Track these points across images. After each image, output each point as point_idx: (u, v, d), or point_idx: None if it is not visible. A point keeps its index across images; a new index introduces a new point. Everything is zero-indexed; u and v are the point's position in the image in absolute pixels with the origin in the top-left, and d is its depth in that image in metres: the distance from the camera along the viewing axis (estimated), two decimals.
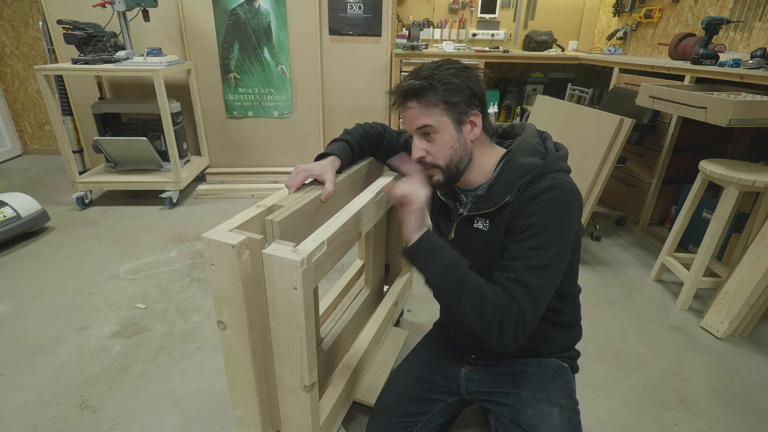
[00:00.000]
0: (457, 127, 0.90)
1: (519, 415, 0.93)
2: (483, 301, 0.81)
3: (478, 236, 0.95)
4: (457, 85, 0.87)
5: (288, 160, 3.29)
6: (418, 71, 0.90)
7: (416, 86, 0.87)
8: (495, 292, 0.82)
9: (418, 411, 1.06)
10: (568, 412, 0.92)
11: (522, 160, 0.90)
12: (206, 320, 1.73)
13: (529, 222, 0.84)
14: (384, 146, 1.20)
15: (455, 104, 0.88)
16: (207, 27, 2.91)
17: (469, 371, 1.08)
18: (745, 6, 2.42)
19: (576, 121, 2.22)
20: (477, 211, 0.94)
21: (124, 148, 2.73)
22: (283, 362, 0.87)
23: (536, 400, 0.94)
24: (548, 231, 0.83)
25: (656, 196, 2.47)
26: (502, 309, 0.80)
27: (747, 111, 1.59)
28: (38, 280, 1.98)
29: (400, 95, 0.91)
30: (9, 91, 3.69)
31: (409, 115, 0.91)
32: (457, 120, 0.89)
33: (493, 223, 0.92)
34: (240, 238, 0.79)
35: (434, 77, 0.87)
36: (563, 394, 0.96)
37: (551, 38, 3.67)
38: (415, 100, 0.89)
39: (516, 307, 0.80)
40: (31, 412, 1.31)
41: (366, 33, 3.05)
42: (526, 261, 0.82)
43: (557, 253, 0.83)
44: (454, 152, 0.91)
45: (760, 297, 1.62)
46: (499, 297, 0.81)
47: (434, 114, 0.88)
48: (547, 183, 0.85)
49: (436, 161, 0.92)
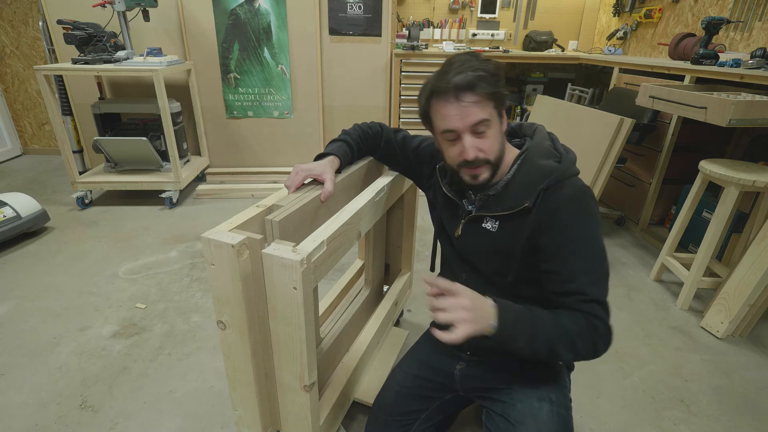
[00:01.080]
0: (500, 120, 0.88)
1: (508, 410, 0.94)
2: (572, 338, 0.82)
3: (485, 236, 0.94)
4: (501, 76, 0.85)
5: (288, 160, 3.29)
6: (462, 64, 0.84)
7: (475, 77, 0.82)
8: (576, 322, 0.82)
9: (415, 409, 1.07)
10: (558, 407, 0.93)
11: (539, 162, 0.89)
12: (206, 320, 1.73)
13: (567, 236, 0.84)
14: (382, 145, 1.20)
15: (503, 95, 0.86)
16: (207, 27, 2.91)
17: (464, 367, 1.08)
18: (745, 6, 2.42)
19: (576, 121, 2.22)
20: (489, 212, 0.92)
21: (124, 148, 2.73)
22: (282, 362, 0.87)
23: (526, 395, 0.95)
24: (588, 241, 0.85)
25: (656, 196, 2.47)
26: (591, 334, 0.82)
27: (747, 111, 1.59)
28: (38, 280, 1.98)
29: (454, 88, 0.83)
30: (9, 91, 3.69)
31: (465, 110, 0.83)
32: (499, 112, 0.87)
33: (503, 225, 0.91)
34: (240, 238, 0.79)
35: (484, 68, 0.83)
36: (555, 390, 0.96)
37: (551, 38, 3.67)
38: (472, 93, 0.83)
39: (599, 322, 0.82)
40: (31, 412, 1.31)
41: (366, 33, 3.05)
42: (584, 277, 0.83)
43: (603, 257, 0.86)
44: (500, 145, 0.89)
45: (760, 297, 1.62)
46: (581, 325, 0.82)
47: (488, 107, 0.85)
48: (570, 190, 0.85)
49: (488, 156, 0.87)
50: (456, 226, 1.01)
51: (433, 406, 1.08)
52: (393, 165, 1.24)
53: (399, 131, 1.21)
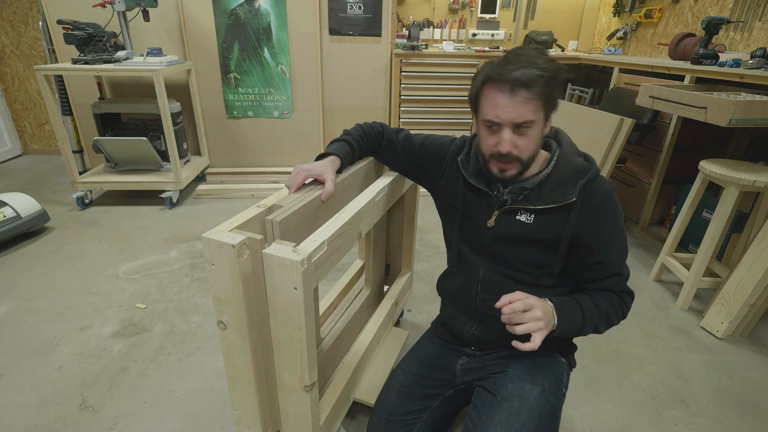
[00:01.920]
0: (545, 123, 0.89)
1: (499, 387, 0.96)
2: (609, 316, 0.95)
3: (520, 227, 0.95)
4: (560, 79, 0.84)
5: (288, 160, 3.29)
6: (526, 58, 0.82)
7: (536, 75, 0.80)
8: (611, 302, 0.95)
9: (417, 408, 1.07)
10: (549, 394, 0.94)
11: (575, 160, 0.93)
12: (206, 320, 1.73)
13: (610, 231, 0.93)
14: (384, 145, 1.20)
15: (555, 99, 0.86)
16: (207, 27, 2.91)
17: (467, 362, 1.09)
18: (745, 6, 2.42)
19: (576, 121, 2.22)
20: (528, 204, 0.93)
21: (124, 148, 2.73)
22: (283, 362, 0.87)
23: (520, 378, 0.97)
24: (622, 231, 0.95)
25: (656, 196, 2.47)
26: (622, 308, 0.96)
27: (747, 111, 1.59)
28: (38, 280, 1.98)
29: (512, 82, 0.81)
30: (9, 91, 3.69)
31: (514, 106, 0.83)
32: (546, 116, 0.88)
33: (540, 218, 0.93)
34: (240, 238, 0.79)
35: (546, 69, 0.81)
36: (549, 379, 0.97)
37: (551, 38, 3.67)
38: (527, 90, 0.82)
39: (626, 296, 0.97)
40: (31, 412, 1.31)
41: (366, 33, 3.05)
42: (621, 262, 0.96)
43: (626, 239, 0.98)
44: (537, 147, 0.90)
45: (760, 297, 1.62)
46: (616, 304, 0.96)
47: (539, 108, 0.84)
48: (603, 187, 0.91)
49: (521, 155, 0.88)
50: (488, 216, 0.99)
51: (434, 404, 1.08)
52: (394, 165, 1.23)
53: (400, 131, 1.21)
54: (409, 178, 1.25)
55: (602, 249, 0.93)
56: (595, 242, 0.92)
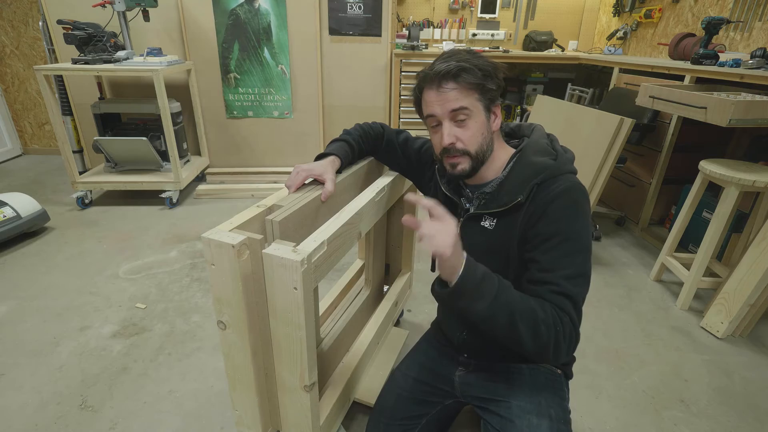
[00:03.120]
0: (487, 114, 0.89)
1: (507, 426, 0.92)
2: (536, 321, 0.78)
3: (483, 235, 0.94)
4: (491, 73, 0.87)
5: (288, 160, 3.29)
6: (451, 55, 0.88)
7: (456, 67, 0.85)
8: (543, 309, 0.80)
9: (416, 413, 1.06)
10: (558, 423, 0.91)
11: (534, 159, 0.89)
12: (206, 320, 1.73)
13: (554, 228, 0.83)
14: (383, 145, 1.20)
15: (489, 90, 0.88)
16: (207, 27, 2.91)
17: (464, 374, 1.07)
18: (745, 6, 2.42)
19: (576, 121, 2.22)
20: (486, 209, 0.92)
21: (124, 148, 2.73)
22: (283, 362, 0.87)
23: (525, 410, 0.93)
24: (575, 237, 0.83)
25: (656, 196, 2.47)
26: (556, 324, 0.79)
27: (747, 111, 1.59)
28: (38, 280, 1.98)
29: (436, 76, 0.87)
30: (9, 91, 3.69)
31: (444, 96, 0.87)
32: (487, 107, 0.89)
33: (500, 223, 0.91)
34: (240, 238, 0.79)
35: (470, 62, 0.86)
36: (554, 404, 0.95)
37: (551, 38, 3.67)
38: (453, 81, 0.86)
39: (567, 319, 0.80)
40: (31, 412, 1.31)
41: (366, 33, 3.05)
42: (562, 271, 0.82)
43: (586, 258, 0.84)
44: (483, 139, 0.90)
45: (760, 297, 1.62)
46: (548, 313, 0.79)
47: (470, 97, 0.87)
48: (563, 185, 0.84)
49: (467, 147, 0.89)
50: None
51: (433, 410, 1.07)
52: (393, 165, 1.24)
53: (401, 132, 1.21)
54: (408, 179, 1.25)
55: (539, 245, 0.84)
56: (535, 237, 0.85)
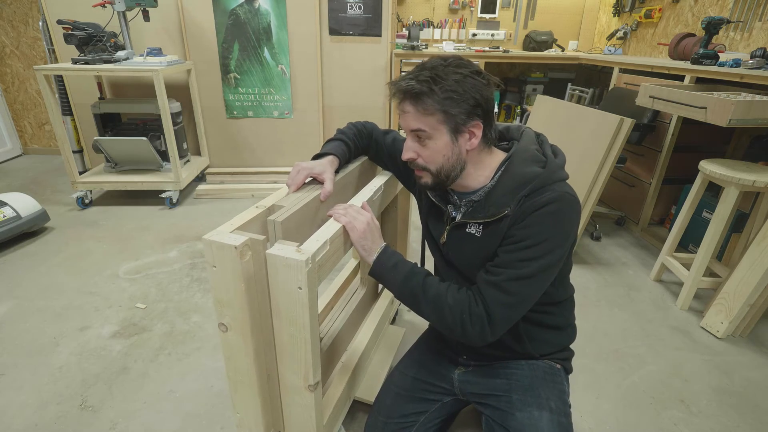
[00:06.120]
0: (452, 137, 0.85)
1: (508, 419, 0.93)
2: (441, 306, 0.87)
3: (470, 241, 0.93)
4: (459, 95, 0.81)
5: (288, 160, 3.29)
6: (421, 70, 0.84)
7: (415, 90, 0.82)
8: (455, 297, 0.87)
9: (414, 411, 1.06)
10: (558, 415, 0.92)
11: (522, 170, 0.86)
12: (206, 320, 1.73)
13: (526, 233, 0.83)
14: (373, 145, 1.19)
15: (453, 115, 0.83)
16: (207, 27, 2.91)
17: (463, 372, 1.08)
18: (745, 6, 2.43)
19: (576, 121, 2.22)
20: (472, 218, 0.91)
21: (124, 148, 2.73)
22: (286, 362, 0.87)
23: (526, 404, 0.94)
24: (543, 244, 0.82)
25: (656, 196, 2.47)
26: (462, 311, 0.85)
27: (747, 111, 1.59)
28: (38, 280, 1.98)
29: (398, 93, 0.85)
30: (9, 91, 3.69)
31: (404, 115, 0.87)
32: (453, 129, 0.84)
33: (487, 231, 0.90)
34: (242, 239, 0.78)
35: (437, 81, 0.81)
36: (553, 397, 0.95)
37: (551, 38, 3.67)
38: (411, 104, 0.84)
39: (479, 308, 0.85)
40: (31, 412, 1.31)
41: (366, 33, 3.05)
42: (512, 270, 0.84)
43: (546, 264, 0.84)
44: (446, 161, 0.87)
45: (760, 297, 1.62)
46: (458, 300, 0.86)
47: (430, 121, 0.84)
48: (549, 195, 0.82)
49: (427, 165, 0.89)
50: (441, 232, 1.00)
51: (432, 408, 1.07)
52: (383, 166, 1.23)
53: (389, 132, 1.19)
54: (398, 179, 1.24)
55: (506, 245, 0.86)
56: (507, 238, 0.86)
